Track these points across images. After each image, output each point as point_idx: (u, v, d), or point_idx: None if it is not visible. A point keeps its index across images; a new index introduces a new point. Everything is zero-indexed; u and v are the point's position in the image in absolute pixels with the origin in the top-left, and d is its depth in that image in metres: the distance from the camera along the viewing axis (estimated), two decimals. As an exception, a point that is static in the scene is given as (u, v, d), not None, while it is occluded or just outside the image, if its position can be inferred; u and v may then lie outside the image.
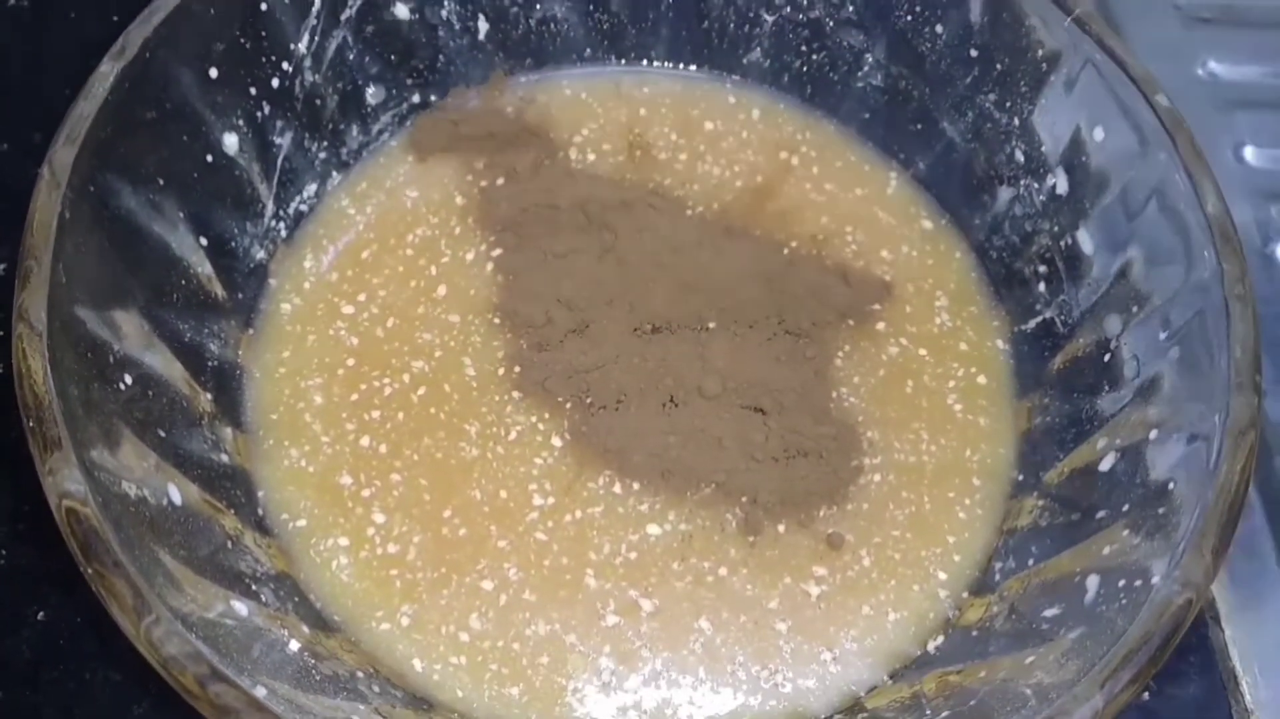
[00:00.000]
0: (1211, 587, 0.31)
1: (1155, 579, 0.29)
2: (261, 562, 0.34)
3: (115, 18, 0.55)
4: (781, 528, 0.37)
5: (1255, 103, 0.57)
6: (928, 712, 0.31)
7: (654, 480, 0.38)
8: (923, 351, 0.42)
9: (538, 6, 0.45)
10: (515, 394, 0.40)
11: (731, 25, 0.46)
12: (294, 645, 0.31)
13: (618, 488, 0.38)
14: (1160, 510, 0.31)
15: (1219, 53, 0.59)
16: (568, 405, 0.39)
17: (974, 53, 0.42)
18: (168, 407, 0.34)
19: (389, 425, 0.39)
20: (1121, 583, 0.30)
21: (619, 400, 0.39)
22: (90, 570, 0.26)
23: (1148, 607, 0.28)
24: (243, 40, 0.38)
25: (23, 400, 0.28)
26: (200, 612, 0.29)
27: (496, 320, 0.41)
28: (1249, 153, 0.56)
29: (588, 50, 0.47)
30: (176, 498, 0.32)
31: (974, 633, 0.34)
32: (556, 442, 0.39)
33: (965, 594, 0.37)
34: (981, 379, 0.42)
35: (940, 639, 0.36)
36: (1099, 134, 0.38)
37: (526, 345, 0.40)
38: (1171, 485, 0.31)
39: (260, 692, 0.27)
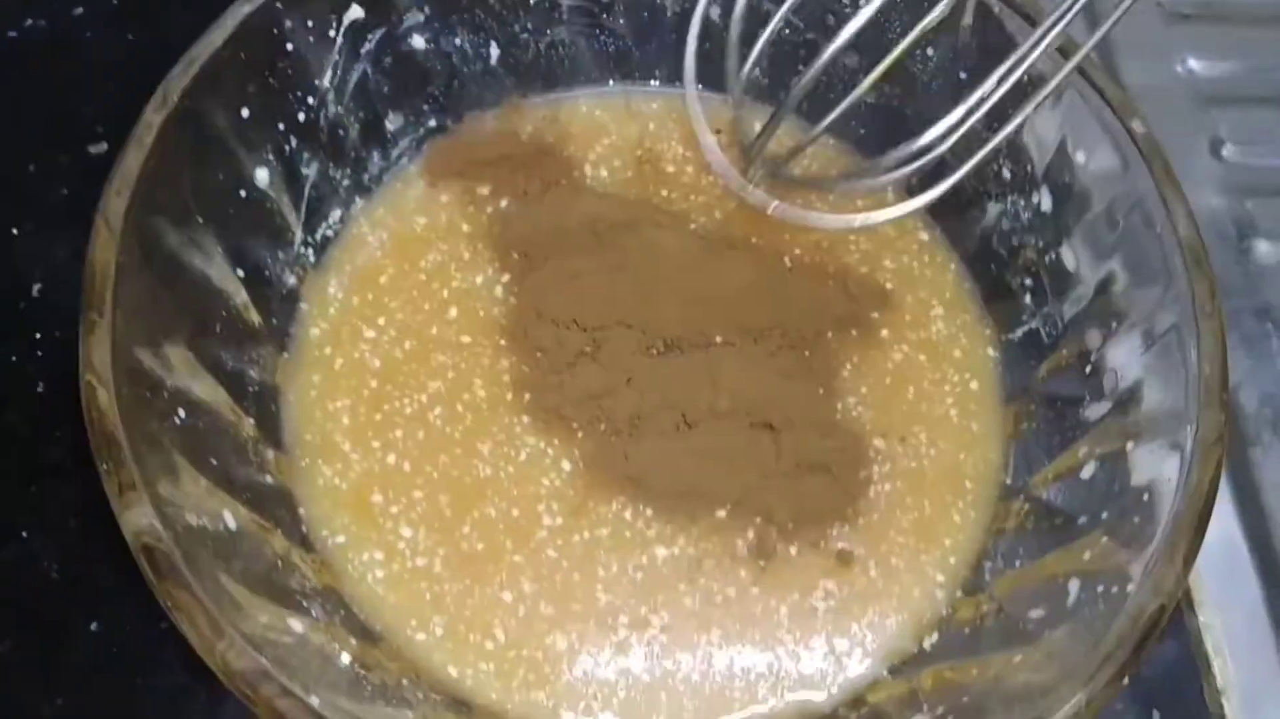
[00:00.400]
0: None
1: (1131, 586, 0.31)
2: (309, 578, 0.37)
3: (130, 36, 0.56)
4: (794, 550, 0.40)
5: (1233, 99, 0.60)
6: (924, 707, 0.34)
7: (669, 504, 0.40)
8: (922, 357, 0.44)
9: (547, 32, 0.47)
10: (525, 418, 0.42)
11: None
12: (345, 658, 0.34)
13: (629, 513, 0.40)
14: (1136, 519, 0.33)
15: (1198, 50, 0.61)
16: (580, 434, 0.41)
17: (963, 75, 0.44)
18: (216, 434, 0.36)
19: (410, 443, 0.41)
20: (1100, 588, 0.33)
21: (633, 425, 0.41)
22: (169, 602, 0.29)
23: (1124, 612, 0.30)
24: (271, 80, 0.40)
25: (96, 445, 0.30)
26: (262, 631, 0.31)
27: (503, 343, 0.43)
28: (1226, 149, 0.58)
29: (595, 72, 0.49)
30: (231, 522, 0.34)
31: (966, 630, 0.37)
32: (566, 465, 0.41)
33: (959, 593, 0.39)
34: (974, 385, 0.44)
35: (935, 636, 0.38)
36: (1081, 156, 0.41)
37: (538, 369, 0.42)
38: (1146, 496, 0.34)
39: (318, 703, 0.30)
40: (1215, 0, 0.63)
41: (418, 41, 0.45)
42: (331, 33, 0.42)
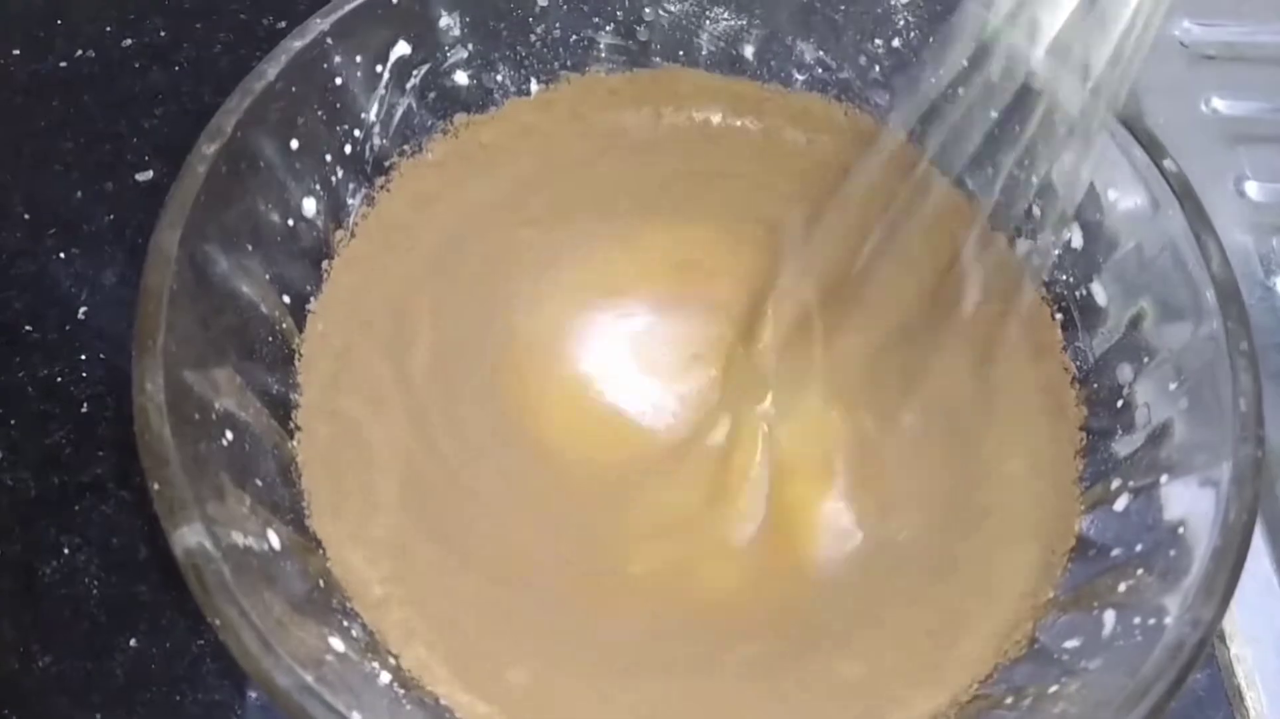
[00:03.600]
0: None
1: (1168, 619, 0.31)
2: (348, 597, 0.37)
3: (176, 67, 0.58)
4: None
5: (1256, 138, 0.60)
6: (959, 736, 0.35)
7: None
8: None
9: (586, 69, 0.48)
10: None
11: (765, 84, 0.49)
12: (385, 677, 0.34)
13: None
14: (1171, 553, 0.34)
15: (1222, 89, 0.62)
16: None
17: (994, 114, 0.44)
18: (260, 455, 0.37)
19: None
20: (1136, 620, 0.33)
21: None
22: (217, 619, 0.29)
23: (1161, 646, 0.31)
24: (320, 112, 0.41)
25: (148, 466, 0.31)
26: (306, 649, 0.32)
27: None
28: (1250, 187, 0.59)
29: (632, 105, 0.50)
30: (275, 543, 0.35)
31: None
32: None
33: (992, 624, 0.40)
34: (1004, 417, 0.44)
35: (970, 665, 0.39)
36: (1111, 194, 0.41)
37: None
38: (1181, 529, 0.34)
39: (362, 722, 0.30)
40: (1239, 41, 0.64)
41: (461, 77, 0.46)
42: (379, 67, 0.43)
